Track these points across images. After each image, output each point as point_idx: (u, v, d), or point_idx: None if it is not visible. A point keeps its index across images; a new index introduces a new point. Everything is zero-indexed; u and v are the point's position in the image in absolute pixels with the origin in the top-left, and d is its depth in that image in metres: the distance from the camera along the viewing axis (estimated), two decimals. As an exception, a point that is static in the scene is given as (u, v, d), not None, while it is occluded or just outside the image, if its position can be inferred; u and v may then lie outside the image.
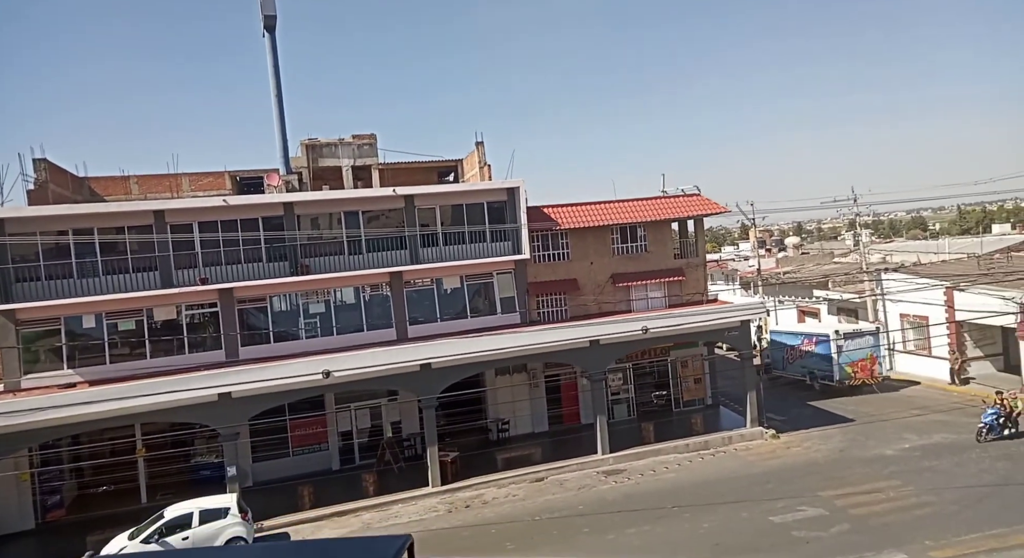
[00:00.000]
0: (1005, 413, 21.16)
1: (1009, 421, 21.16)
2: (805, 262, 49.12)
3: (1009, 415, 21.18)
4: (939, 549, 14.04)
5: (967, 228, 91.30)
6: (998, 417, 21.13)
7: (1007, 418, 21.14)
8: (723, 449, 22.74)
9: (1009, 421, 21.16)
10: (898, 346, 32.51)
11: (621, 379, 26.91)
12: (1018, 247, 39.17)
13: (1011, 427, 21.18)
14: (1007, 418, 21.14)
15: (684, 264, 27.53)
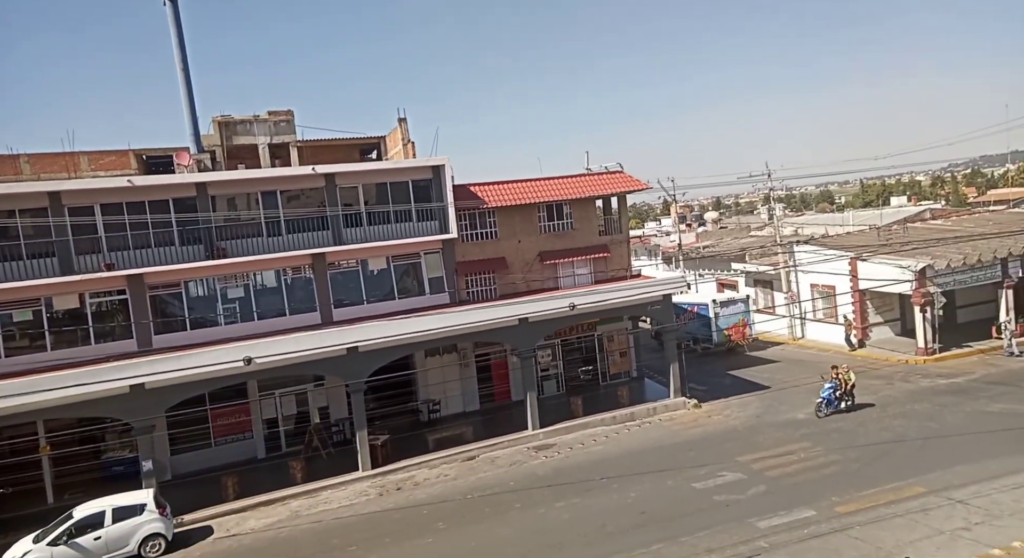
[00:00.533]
0: (841, 387, 21.73)
1: (846, 394, 21.79)
2: (723, 236, 51.00)
3: (845, 388, 21.77)
4: (844, 504, 15.04)
5: (869, 201, 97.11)
6: (835, 390, 21.74)
7: (844, 391, 21.76)
8: (648, 420, 23.50)
9: (846, 394, 21.79)
10: (808, 315, 34.40)
11: (550, 355, 27.29)
12: (913, 219, 41.95)
13: (847, 400, 21.90)
14: (844, 391, 21.76)
15: (609, 241, 28.00)
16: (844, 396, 21.85)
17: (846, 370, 22.04)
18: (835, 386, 21.76)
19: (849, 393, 21.89)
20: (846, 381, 21.81)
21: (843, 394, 21.84)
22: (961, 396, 22.34)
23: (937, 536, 13.08)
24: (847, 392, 21.85)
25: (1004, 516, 13.60)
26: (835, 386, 21.76)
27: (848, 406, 21.90)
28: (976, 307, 32.82)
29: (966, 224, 36.47)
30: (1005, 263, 28.98)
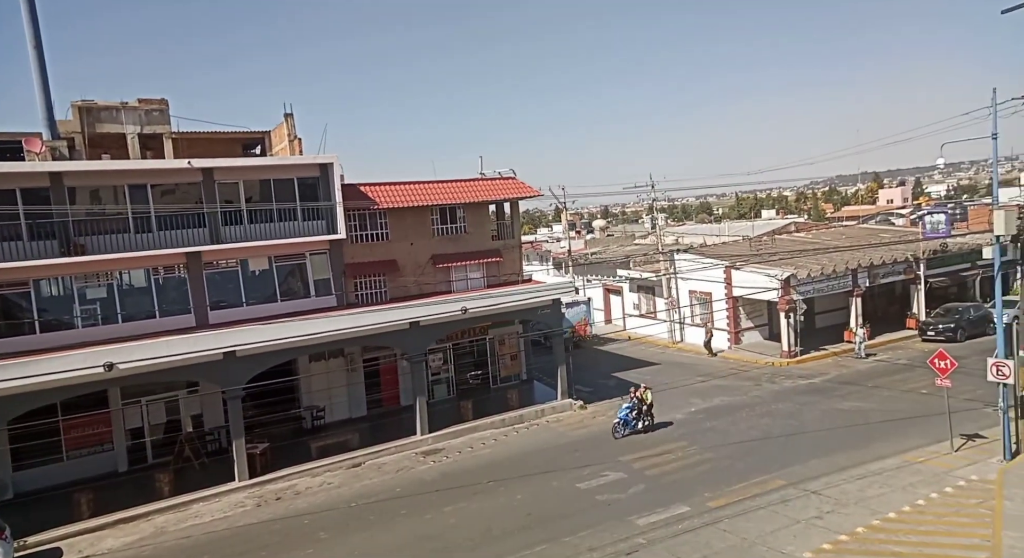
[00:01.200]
0: (639, 406, 21.50)
1: (644, 414, 21.54)
2: (610, 243, 52.91)
3: (642, 408, 21.52)
4: (715, 499, 15.95)
5: (743, 213, 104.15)
6: (632, 410, 21.43)
7: (641, 411, 21.50)
8: (536, 422, 23.87)
9: (644, 414, 21.54)
10: (687, 320, 36.33)
11: (441, 359, 27.10)
12: (780, 231, 45.44)
13: (646, 420, 21.59)
14: (641, 411, 21.50)
15: (502, 245, 28.23)
16: (642, 416, 21.52)
17: (644, 389, 21.78)
18: (632, 406, 21.48)
19: (647, 413, 21.59)
20: (643, 401, 21.53)
21: (641, 414, 21.51)
22: (817, 395, 24.36)
23: (794, 525, 14.14)
24: (645, 412, 21.54)
25: (850, 504, 14.93)
26: (632, 406, 21.48)
27: (646, 426, 21.58)
28: (831, 313, 35.96)
29: (824, 237, 39.96)
30: (855, 274, 32.00)
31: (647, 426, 21.65)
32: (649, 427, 21.68)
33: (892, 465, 17.14)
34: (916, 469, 16.75)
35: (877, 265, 32.62)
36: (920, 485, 15.71)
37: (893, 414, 21.29)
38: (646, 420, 21.65)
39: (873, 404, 22.70)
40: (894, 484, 15.91)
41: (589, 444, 21.01)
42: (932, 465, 16.92)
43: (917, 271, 33.96)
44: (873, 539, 13.17)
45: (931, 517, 13.95)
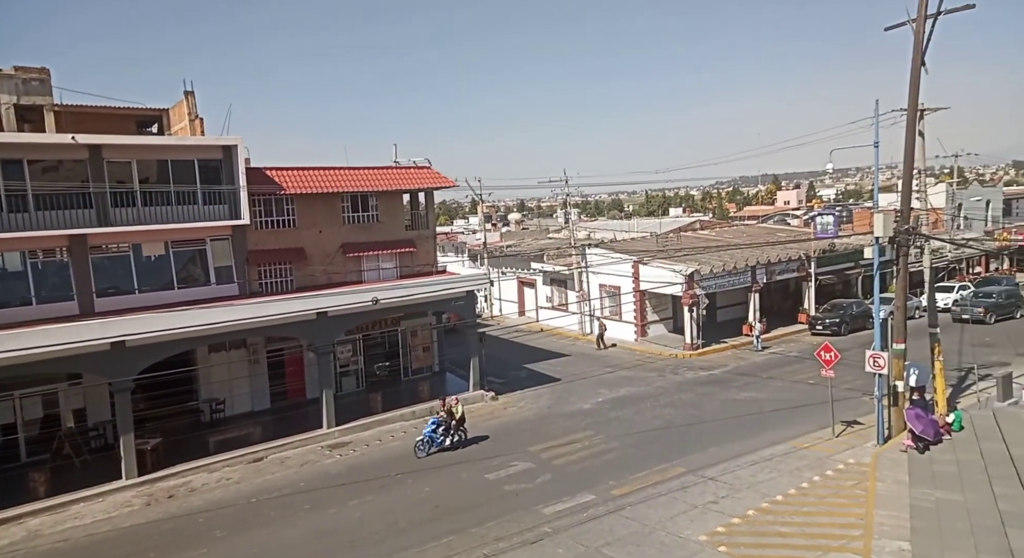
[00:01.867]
0: (447, 421, 19.83)
1: (454, 429, 19.88)
2: (525, 237, 53.37)
3: (451, 423, 19.89)
4: (619, 487, 16.42)
5: (652, 211, 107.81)
6: (438, 426, 19.66)
7: (450, 427, 19.83)
8: (447, 414, 23.73)
9: (454, 429, 19.88)
10: (597, 312, 37.18)
11: (350, 351, 26.48)
12: (685, 228, 47.30)
13: (457, 435, 19.97)
14: (450, 427, 19.83)
15: (416, 236, 27.83)
16: (451, 432, 19.87)
17: (455, 402, 20.38)
18: (438, 422, 19.69)
19: (457, 428, 20.00)
20: (452, 415, 19.95)
21: (450, 430, 19.84)
22: (717, 386, 25.55)
23: (692, 510, 14.77)
24: (455, 427, 19.95)
25: (743, 489, 15.75)
26: (438, 422, 19.69)
27: (455, 442, 19.90)
28: (732, 308, 37.84)
29: (726, 235, 41.90)
30: (754, 270, 33.77)
31: (456, 443, 19.91)
32: (459, 443, 19.96)
33: (781, 451, 18.21)
34: (802, 454, 17.88)
35: (774, 263, 34.56)
36: (805, 469, 16.78)
37: (784, 403, 22.63)
38: (456, 436, 19.93)
39: (766, 394, 24.04)
40: (782, 469, 16.91)
41: (499, 434, 21.13)
42: (816, 450, 18.11)
43: (808, 269, 36.26)
44: (762, 521, 13.95)
45: (813, 499, 14.93)
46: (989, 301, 34.47)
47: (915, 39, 16.95)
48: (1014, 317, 34.57)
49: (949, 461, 14.99)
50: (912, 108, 17.76)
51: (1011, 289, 37.20)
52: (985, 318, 33.49)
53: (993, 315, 33.88)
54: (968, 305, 34.38)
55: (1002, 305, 34.54)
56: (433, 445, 19.54)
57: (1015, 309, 35.02)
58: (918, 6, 16.75)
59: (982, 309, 33.76)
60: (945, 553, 11.17)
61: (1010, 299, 35.27)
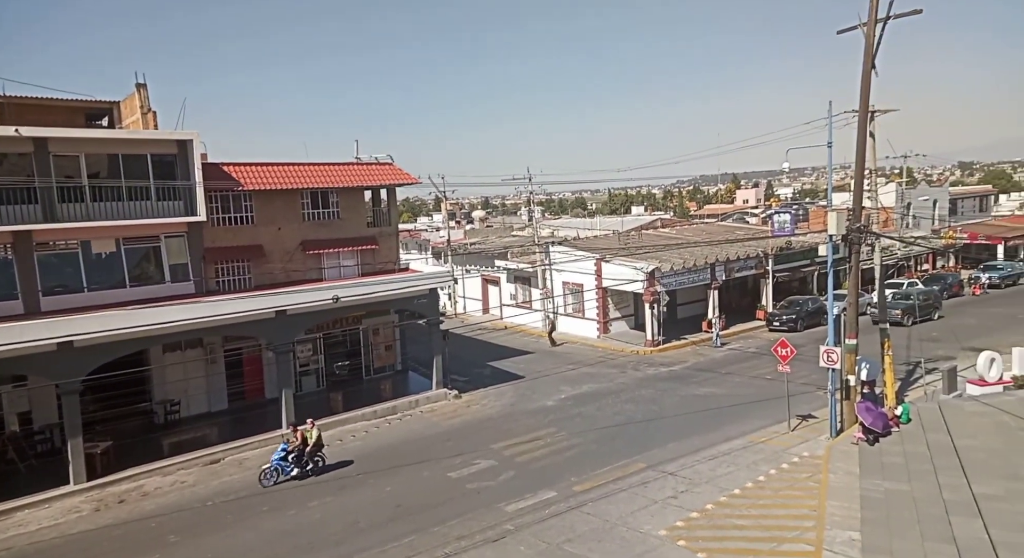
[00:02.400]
0: (299, 448, 17.71)
1: (308, 457, 17.78)
2: (489, 234, 53.26)
3: (305, 450, 17.77)
4: (581, 483, 16.53)
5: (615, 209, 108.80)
6: (288, 454, 17.59)
7: (303, 454, 17.71)
8: (410, 412, 23.62)
9: (308, 457, 17.78)
10: (561, 309, 37.38)
11: (310, 349, 26.08)
12: (647, 226, 47.84)
13: (312, 463, 17.91)
14: (303, 454, 17.71)
15: (377, 233, 27.55)
16: (304, 460, 17.74)
17: (310, 426, 18.14)
18: (287, 449, 17.65)
19: (312, 455, 17.93)
20: (307, 442, 17.86)
21: (303, 457, 17.73)
22: (677, 382, 25.93)
23: (652, 505, 14.96)
24: (309, 455, 17.83)
25: (702, 483, 16.02)
26: (287, 449, 17.65)
27: (307, 471, 17.78)
28: (692, 305, 38.42)
29: (687, 233, 42.54)
30: (713, 268, 34.35)
31: (311, 471, 17.85)
32: (314, 471, 17.91)
33: (739, 445, 18.57)
34: (759, 448, 18.27)
35: (732, 260, 35.20)
36: (762, 463, 17.15)
37: (741, 398, 23.08)
38: (309, 464, 17.87)
39: (725, 390, 24.49)
40: (740, 463, 17.25)
41: (462, 433, 21.08)
42: (772, 444, 18.53)
43: (766, 266, 37.05)
44: (720, 515, 14.21)
45: (769, 492, 15.27)
46: (907, 302, 34.70)
47: (866, 42, 17.43)
48: (932, 319, 34.88)
49: (897, 453, 15.47)
50: (863, 110, 18.27)
51: (928, 290, 37.80)
52: (902, 320, 33.44)
53: (911, 317, 34.22)
54: (780, 314, 34.57)
55: (921, 307, 34.90)
56: (281, 474, 17.48)
57: (933, 310, 35.40)
58: (868, 10, 17.23)
59: (899, 311, 33.76)
60: (893, 542, 11.52)
61: (927, 301, 35.47)
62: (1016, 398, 17.96)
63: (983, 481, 12.96)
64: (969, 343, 27.69)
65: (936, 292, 37.84)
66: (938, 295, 37.42)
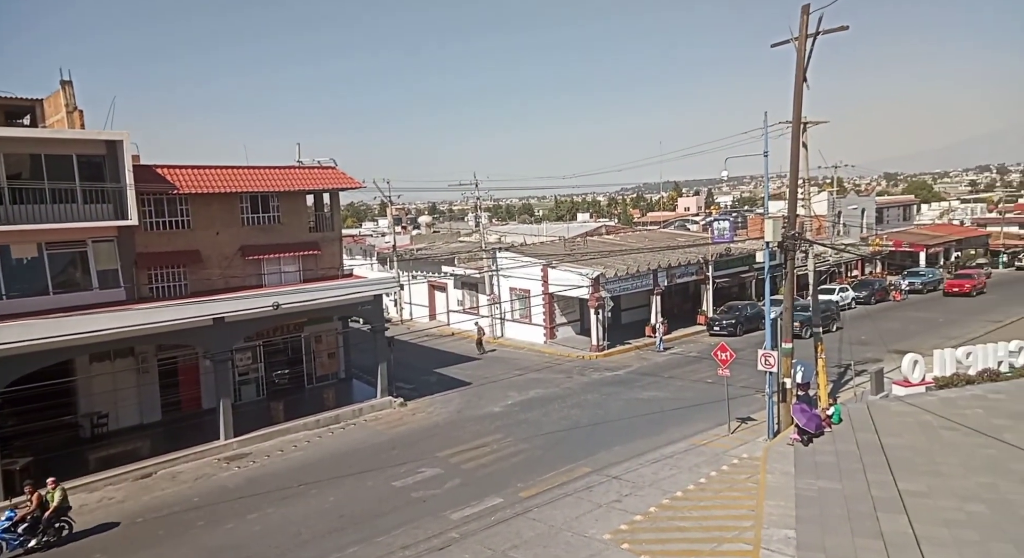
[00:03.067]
0: (34, 514, 14.46)
1: (47, 523, 14.51)
2: (436, 240, 53.00)
3: (44, 515, 14.51)
4: (527, 489, 16.55)
5: (561, 216, 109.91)
6: (16, 524, 14.33)
7: (40, 520, 14.47)
8: (354, 421, 23.19)
9: (47, 523, 14.51)
10: (508, 315, 37.45)
11: (250, 358, 25.33)
12: (592, 233, 48.49)
13: (49, 532, 14.53)
14: (40, 520, 14.47)
15: (320, 238, 27.01)
16: (41, 528, 14.46)
17: (52, 486, 14.87)
18: (15, 517, 14.45)
19: (52, 522, 14.62)
20: (46, 506, 14.61)
21: (40, 524, 14.48)
22: (621, 386, 26.29)
23: (597, 509, 15.09)
24: (48, 522, 14.55)
25: (645, 487, 16.27)
26: (15, 517, 14.45)
27: (45, 543, 14.42)
28: (636, 310, 39.08)
29: (630, 240, 43.29)
30: (656, 274, 35.05)
31: (48, 543, 14.47)
32: (58, 541, 14.61)
33: (682, 448, 18.95)
34: (700, 451, 18.69)
35: (674, 266, 36.00)
36: (703, 465, 17.53)
37: (684, 402, 23.57)
38: (47, 535, 14.50)
39: (668, 393, 24.97)
40: (682, 465, 17.60)
41: (407, 441, 20.82)
42: (713, 446, 18.98)
43: (707, 272, 38.04)
44: (663, 517, 14.44)
45: (710, 493, 15.62)
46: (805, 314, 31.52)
47: (797, 56, 18.14)
48: (831, 330, 33.05)
49: (829, 452, 16.07)
50: (796, 121, 19.00)
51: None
52: (801, 333, 30.72)
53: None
54: (720, 319, 35.46)
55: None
56: (8, 548, 14.17)
57: (831, 322, 33.90)
58: (799, 26, 17.94)
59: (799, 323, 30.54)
60: (826, 538, 11.95)
61: (826, 313, 33.39)
62: (937, 398, 18.93)
63: (908, 478, 13.59)
64: (895, 346, 29.07)
65: (835, 304, 37.55)
66: (837, 307, 37.15)
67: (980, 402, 18.26)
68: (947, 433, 16.04)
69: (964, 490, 12.85)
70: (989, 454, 14.48)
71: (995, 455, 14.41)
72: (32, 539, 14.43)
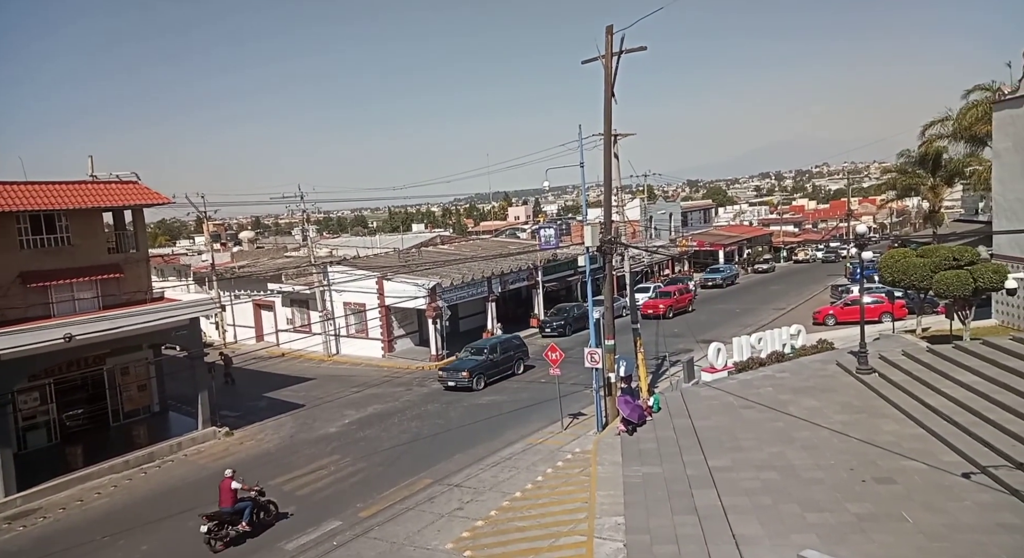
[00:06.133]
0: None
1: None
2: (261, 256, 49.96)
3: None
4: (367, 508, 16.08)
5: (395, 227, 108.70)
6: None
7: None
8: (171, 457, 21.14)
9: None
10: (343, 331, 36.24)
11: (38, 399, 22.08)
12: (427, 243, 48.55)
13: None
14: None
15: (123, 259, 24.25)
16: None
17: None
18: None
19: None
20: None
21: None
22: (461, 394, 26.48)
23: (439, 520, 15.04)
24: None
25: (486, 491, 16.50)
26: None
27: None
28: (473, 317, 39.66)
29: (465, 249, 43.93)
30: (490, 281, 35.86)
31: None
32: None
33: (519, 449, 19.48)
34: (537, 449, 19.34)
35: (507, 273, 37.07)
36: (540, 463, 18.16)
37: (521, 403, 24.29)
38: None
39: (505, 396, 25.59)
40: (520, 465, 18.09)
41: (234, 474, 19.30)
42: (548, 444, 19.73)
43: (537, 278, 39.62)
44: (503, 519, 14.73)
45: (547, 490, 16.20)
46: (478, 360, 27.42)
47: (605, 73, 19.55)
48: (515, 373, 28.65)
49: (651, 439, 17.41)
50: (607, 133, 20.44)
51: (509, 340, 29.83)
52: (471, 383, 26.25)
53: (480, 379, 26.66)
54: (550, 321, 36.31)
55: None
56: None
57: (517, 363, 29.06)
58: (605, 45, 19.36)
59: (465, 372, 26.50)
60: (650, 520, 12.91)
61: (507, 352, 28.80)
62: (737, 381, 21.28)
63: (716, 455, 15.11)
64: (702, 336, 32.19)
65: (521, 344, 30.00)
66: (522, 347, 29.93)
67: (770, 381, 20.81)
68: (746, 411, 18.08)
69: (760, 461, 14.55)
70: (778, 427, 16.54)
71: (783, 427, 16.49)
72: None
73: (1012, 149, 25.43)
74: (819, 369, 21.51)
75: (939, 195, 41.05)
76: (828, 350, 24.04)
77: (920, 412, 15.88)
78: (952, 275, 20.24)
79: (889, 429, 15.53)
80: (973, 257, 21.20)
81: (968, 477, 12.54)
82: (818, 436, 15.54)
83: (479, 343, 30.05)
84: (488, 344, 29.33)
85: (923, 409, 15.97)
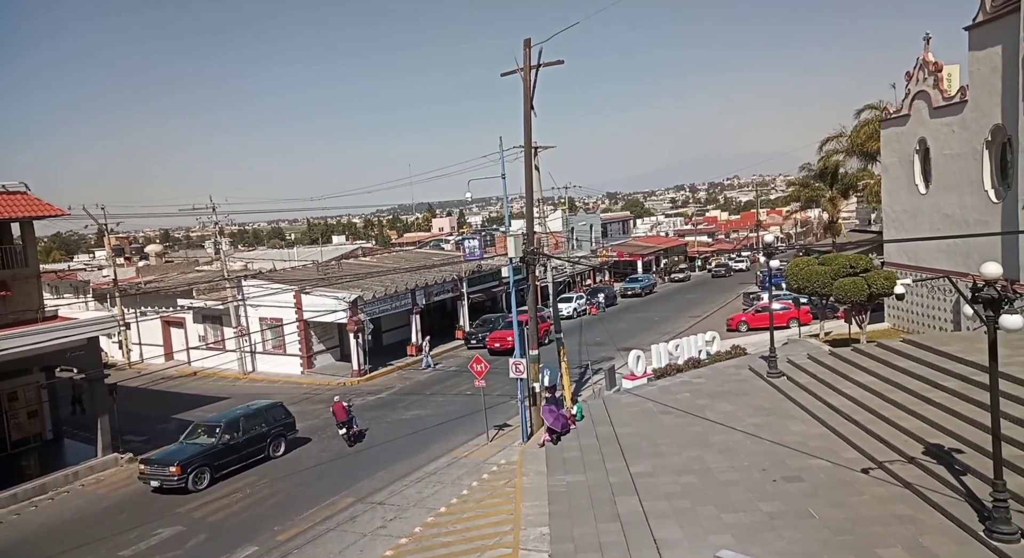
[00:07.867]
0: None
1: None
2: (169, 270, 47.42)
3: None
4: (285, 531, 15.43)
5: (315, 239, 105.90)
6: None
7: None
8: (67, 488, 19.60)
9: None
10: (259, 347, 34.83)
11: (-90, 430, 20.03)
12: (348, 255, 47.51)
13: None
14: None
15: (10, 276, 22.44)
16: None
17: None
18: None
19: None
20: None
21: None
22: (384, 409, 25.95)
23: (361, 539, 14.60)
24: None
25: (410, 508, 16.17)
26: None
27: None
28: (397, 330, 39.00)
29: (387, 261, 43.27)
30: (414, 293, 35.43)
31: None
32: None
33: (444, 463, 19.22)
34: (462, 463, 19.14)
35: (432, 285, 36.74)
36: (465, 477, 17.97)
37: (446, 416, 24.00)
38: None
39: (430, 410, 25.25)
40: (445, 480, 17.85)
41: (139, 502, 18.15)
42: (474, 457, 19.58)
43: (461, 289, 39.46)
44: (428, 536, 14.45)
45: (472, 503, 16.03)
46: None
47: (524, 85, 19.78)
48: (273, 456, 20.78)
49: (575, 447, 17.57)
50: (527, 146, 20.67)
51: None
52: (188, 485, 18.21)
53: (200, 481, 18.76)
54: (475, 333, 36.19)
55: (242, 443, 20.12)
56: None
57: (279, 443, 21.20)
58: (524, 58, 19.60)
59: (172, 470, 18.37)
60: (575, 529, 12.97)
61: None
62: (656, 387, 21.84)
63: (637, 461, 15.40)
64: (623, 344, 32.86)
65: (286, 416, 21.91)
66: (286, 418, 21.91)
67: (687, 387, 21.48)
68: (665, 417, 18.55)
69: (679, 465, 14.94)
70: (695, 431, 17.05)
71: (700, 431, 17.02)
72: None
73: (898, 164, 27.51)
74: (733, 374, 22.38)
75: (837, 206, 43.91)
76: (741, 355, 25.07)
77: (824, 412, 16.76)
78: (849, 282, 21.60)
79: (797, 429, 16.32)
80: (867, 265, 22.72)
81: (867, 472, 13.31)
82: (733, 439, 16.12)
83: (214, 418, 21.27)
84: (227, 419, 20.51)
85: (826, 409, 16.87)
